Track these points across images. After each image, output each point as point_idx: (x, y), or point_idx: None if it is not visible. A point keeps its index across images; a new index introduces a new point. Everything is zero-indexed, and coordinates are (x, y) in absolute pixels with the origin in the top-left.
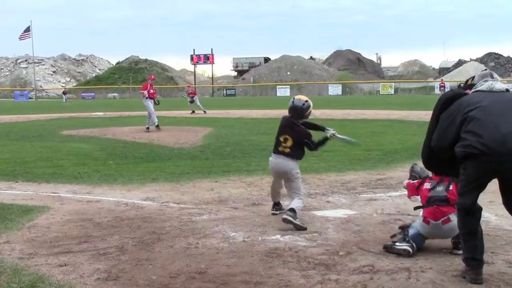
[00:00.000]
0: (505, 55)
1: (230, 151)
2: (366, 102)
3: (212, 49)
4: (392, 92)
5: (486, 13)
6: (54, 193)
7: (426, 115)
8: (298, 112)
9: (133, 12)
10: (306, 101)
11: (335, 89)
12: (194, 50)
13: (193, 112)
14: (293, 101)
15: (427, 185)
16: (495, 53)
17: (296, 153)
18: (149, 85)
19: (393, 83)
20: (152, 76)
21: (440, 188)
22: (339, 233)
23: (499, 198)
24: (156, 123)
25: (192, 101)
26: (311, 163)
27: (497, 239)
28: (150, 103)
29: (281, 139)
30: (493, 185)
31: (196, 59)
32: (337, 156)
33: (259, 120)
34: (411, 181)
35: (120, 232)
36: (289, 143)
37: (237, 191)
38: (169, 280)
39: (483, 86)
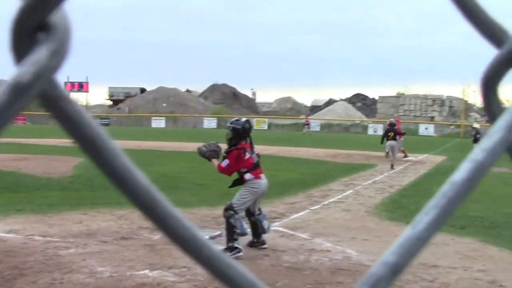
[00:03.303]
0: (371, 96)
1: (102, 182)
2: None
3: (87, 77)
4: (266, 128)
5: (354, 54)
6: None
7: (297, 151)
8: None
9: None
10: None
11: (210, 123)
12: (68, 77)
13: None
14: None
15: (247, 154)
16: (362, 94)
17: None
18: None
19: (266, 119)
20: None
21: (254, 154)
22: None
23: (361, 235)
24: None
25: None
26: (183, 196)
27: (357, 274)
28: None
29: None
30: (357, 222)
31: (70, 86)
32: (208, 190)
33: (133, 151)
34: (224, 162)
35: None
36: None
37: (106, 224)
38: None
39: None
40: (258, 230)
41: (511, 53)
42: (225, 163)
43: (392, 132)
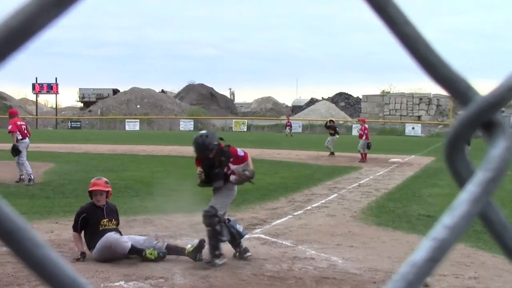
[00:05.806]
0: (355, 95)
1: (73, 189)
2: None
3: (56, 78)
4: (245, 129)
5: (335, 52)
6: None
7: (278, 154)
8: None
9: None
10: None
11: (187, 125)
12: (36, 78)
13: None
14: None
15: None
16: (345, 93)
17: None
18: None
19: (246, 120)
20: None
21: None
22: (187, 278)
23: (347, 241)
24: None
25: None
26: (159, 202)
27: (343, 283)
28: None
29: None
30: (342, 228)
31: (39, 88)
32: (184, 196)
33: (106, 155)
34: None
35: None
36: None
37: None
38: None
39: None
40: (235, 237)
41: (477, 113)
42: (240, 152)
43: None
